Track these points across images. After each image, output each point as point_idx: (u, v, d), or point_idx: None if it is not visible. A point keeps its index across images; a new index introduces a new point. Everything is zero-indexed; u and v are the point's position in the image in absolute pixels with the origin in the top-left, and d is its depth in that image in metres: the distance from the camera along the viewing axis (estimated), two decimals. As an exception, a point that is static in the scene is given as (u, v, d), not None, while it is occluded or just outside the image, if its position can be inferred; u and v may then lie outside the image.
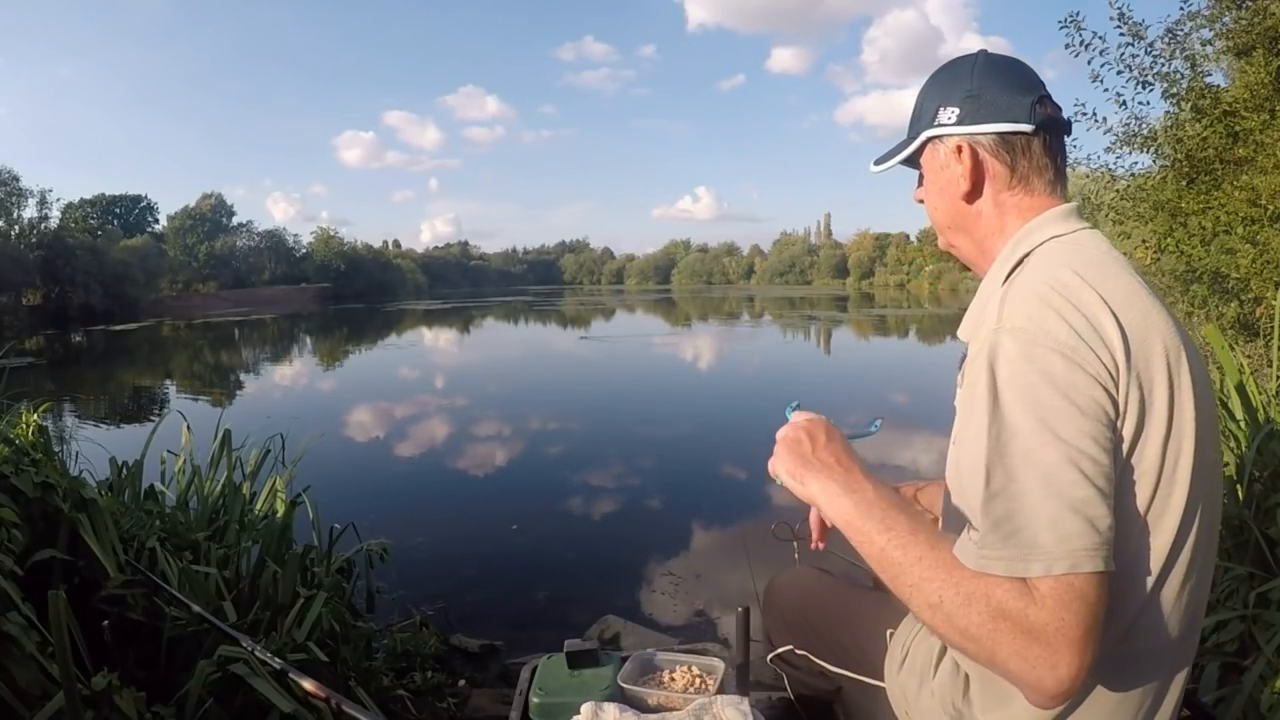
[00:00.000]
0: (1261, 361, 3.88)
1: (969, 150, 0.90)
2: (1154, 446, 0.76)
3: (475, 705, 2.54)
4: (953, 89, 0.93)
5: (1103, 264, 0.82)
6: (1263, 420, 2.21)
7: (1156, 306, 0.81)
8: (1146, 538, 0.79)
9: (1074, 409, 0.72)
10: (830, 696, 1.27)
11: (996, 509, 0.72)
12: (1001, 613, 0.69)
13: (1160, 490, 0.78)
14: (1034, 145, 0.89)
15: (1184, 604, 0.82)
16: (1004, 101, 0.89)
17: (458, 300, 58.29)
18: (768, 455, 0.94)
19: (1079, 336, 0.74)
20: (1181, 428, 0.78)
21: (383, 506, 5.52)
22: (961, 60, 0.96)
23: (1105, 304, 0.76)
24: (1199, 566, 0.83)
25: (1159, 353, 0.77)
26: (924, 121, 0.95)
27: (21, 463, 1.72)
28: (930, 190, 0.98)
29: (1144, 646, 0.82)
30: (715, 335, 25.04)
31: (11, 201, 41.60)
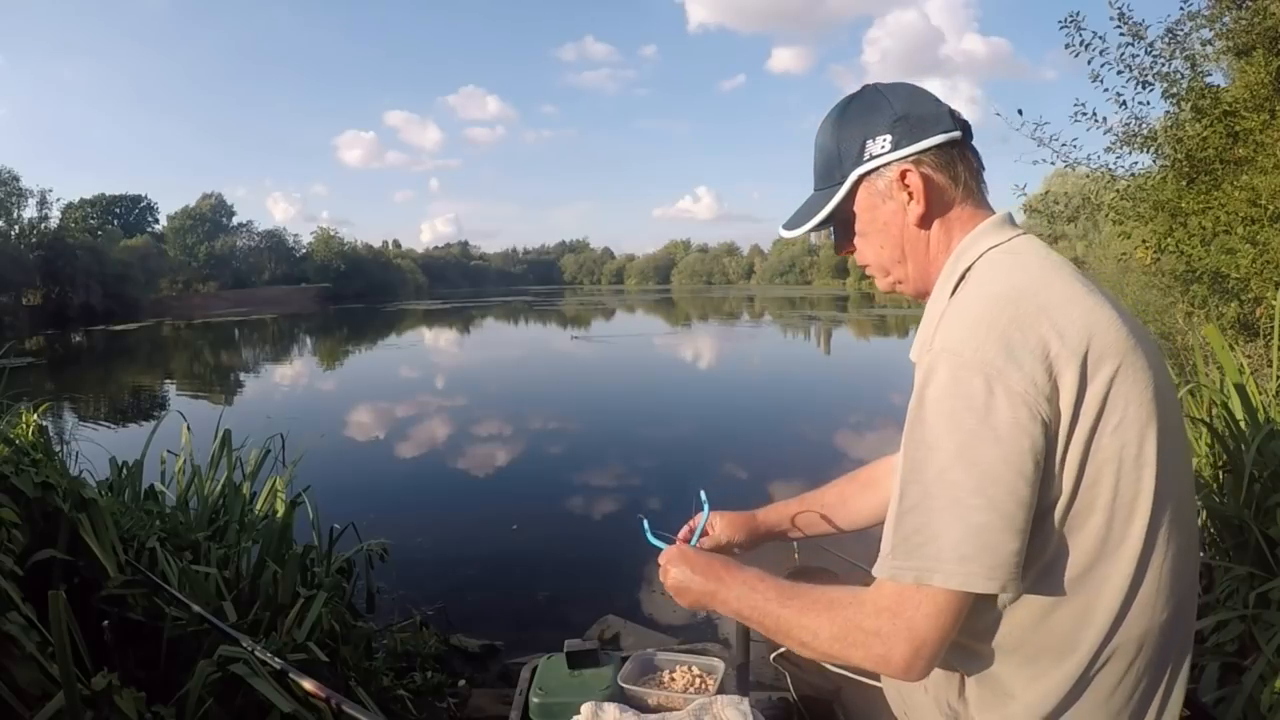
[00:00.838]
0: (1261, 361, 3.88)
1: (915, 173, 0.88)
2: (1110, 440, 0.77)
3: (475, 705, 2.54)
4: (874, 120, 0.90)
5: (1040, 270, 0.83)
6: (1263, 420, 2.21)
7: (1100, 304, 0.81)
8: (1115, 533, 0.79)
9: (992, 434, 0.74)
10: (831, 696, 1.27)
11: (908, 524, 0.78)
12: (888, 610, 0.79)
13: (1124, 486, 0.78)
14: (965, 152, 0.90)
15: (1167, 596, 0.83)
16: (930, 113, 0.89)
17: (458, 300, 58.29)
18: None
19: (1008, 355, 0.75)
20: (1140, 421, 0.78)
21: (383, 506, 5.52)
22: (861, 95, 0.94)
23: (1041, 312, 0.77)
24: (1177, 557, 0.83)
25: (1104, 350, 0.77)
26: (849, 161, 0.91)
27: (21, 463, 1.72)
28: (869, 232, 0.95)
29: (1130, 640, 0.82)
30: (715, 335, 25.04)
31: (11, 201, 41.58)
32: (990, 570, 0.74)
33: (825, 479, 1.40)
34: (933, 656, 0.79)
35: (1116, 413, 0.77)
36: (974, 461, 0.74)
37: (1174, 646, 0.87)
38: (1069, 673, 0.83)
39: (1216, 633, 1.85)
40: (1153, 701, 0.87)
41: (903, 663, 0.79)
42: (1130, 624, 0.82)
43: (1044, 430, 0.75)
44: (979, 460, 0.74)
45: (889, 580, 0.80)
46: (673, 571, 1.03)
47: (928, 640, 0.78)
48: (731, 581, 0.96)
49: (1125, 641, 0.83)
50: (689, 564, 1.02)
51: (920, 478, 0.77)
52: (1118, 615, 0.81)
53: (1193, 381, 2.72)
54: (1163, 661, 0.86)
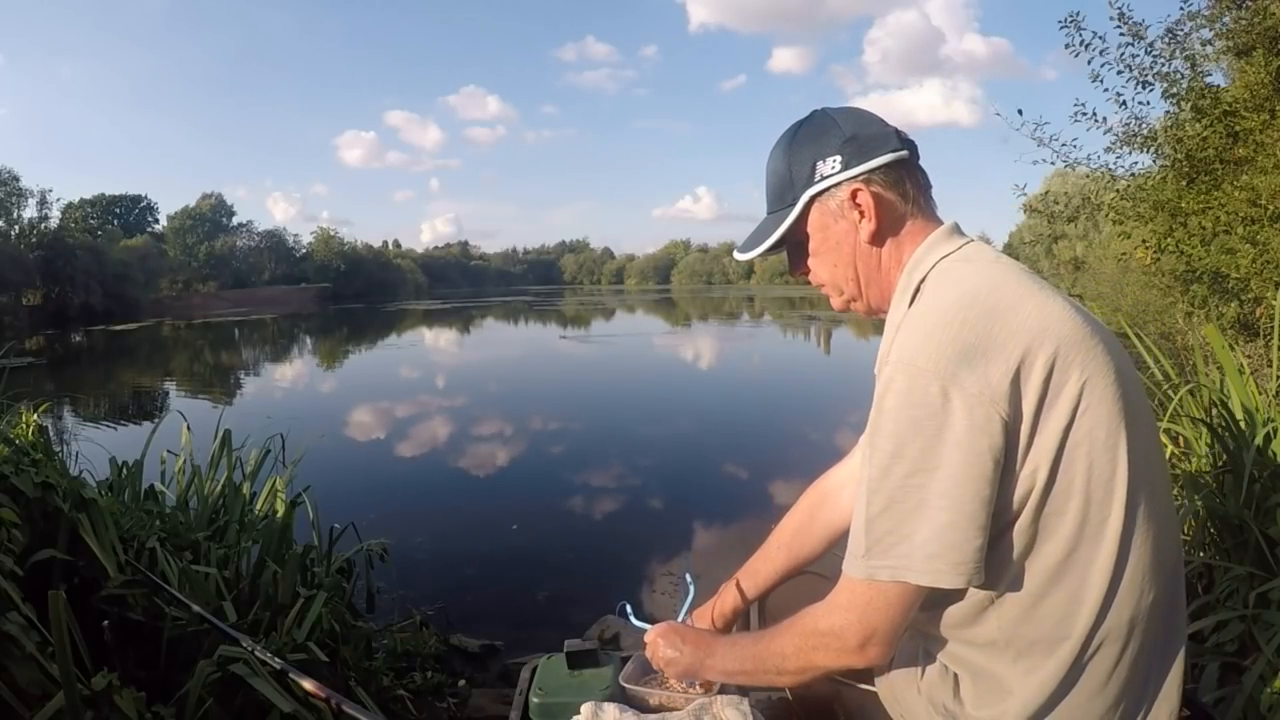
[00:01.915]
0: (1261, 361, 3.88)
1: (866, 192, 0.91)
2: (1079, 427, 0.79)
3: (475, 705, 2.54)
4: (823, 142, 0.93)
5: (990, 274, 0.85)
6: (1262, 420, 2.20)
7: (1051, 299, 0.83)
8: (1094, 518, 0.81)
9: (951, 438, 0.77)
10: (830, 696, 1.27)
11: (880, 527, 0.81)
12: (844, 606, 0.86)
13: (1097, 471, 0.80)
14: (912, 170, 0.93)
15: (1151, 578, 0.84)
16: (877, 134, 0.92)
17: (458, 300, 58.29)
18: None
19: (962, 360, 0.77)
20: (1107, 407, 0.80)
21: (383, 506, 5.52)
22: (809, 120, 0.97)
23: (993, 314, 0.80)
24: (1159, 539, 0.84)
25: (1060, 342, 0.79)
26: (800, 183, 0.94)
27: (21, 463, 1.72)
28: (822, 251, 0.96)
29: (1120, 625, 0.83)
30: (715, 335, 25.04)
31: (11, 201, 41.59)
32: (956, 566, 0.79)
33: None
34: (887, 642, 0.84)
35: (1082, 400, 0.79)
36: (936, 466, 0.78)
37: (1165, 631, 0.88)
38: (1062, 662, 0.84)
39: (1216, 633, 1.85)
40: (1148, 688, 0.87)
41: (857, 648, 0.85)
42: (1119, 608, 0.83)
43: (1004, 429, 0.77)
44: (941, 464, 0.78)
45: (861, 579, 0.84)
46: (662, 645, 1.12)
47: (879, 628, 0.84)
48: (715, 646, 1.06)
49: (1115, 626, 0.83)
50: (679, 637, 1.11)
51: (885, 484, 0.81)
52: (1104, 600, 0.82)
53: (1193, 381, 2.71)
54: (1154, 647, 0.87)
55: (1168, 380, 2.81)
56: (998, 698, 0.87)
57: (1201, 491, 2.16)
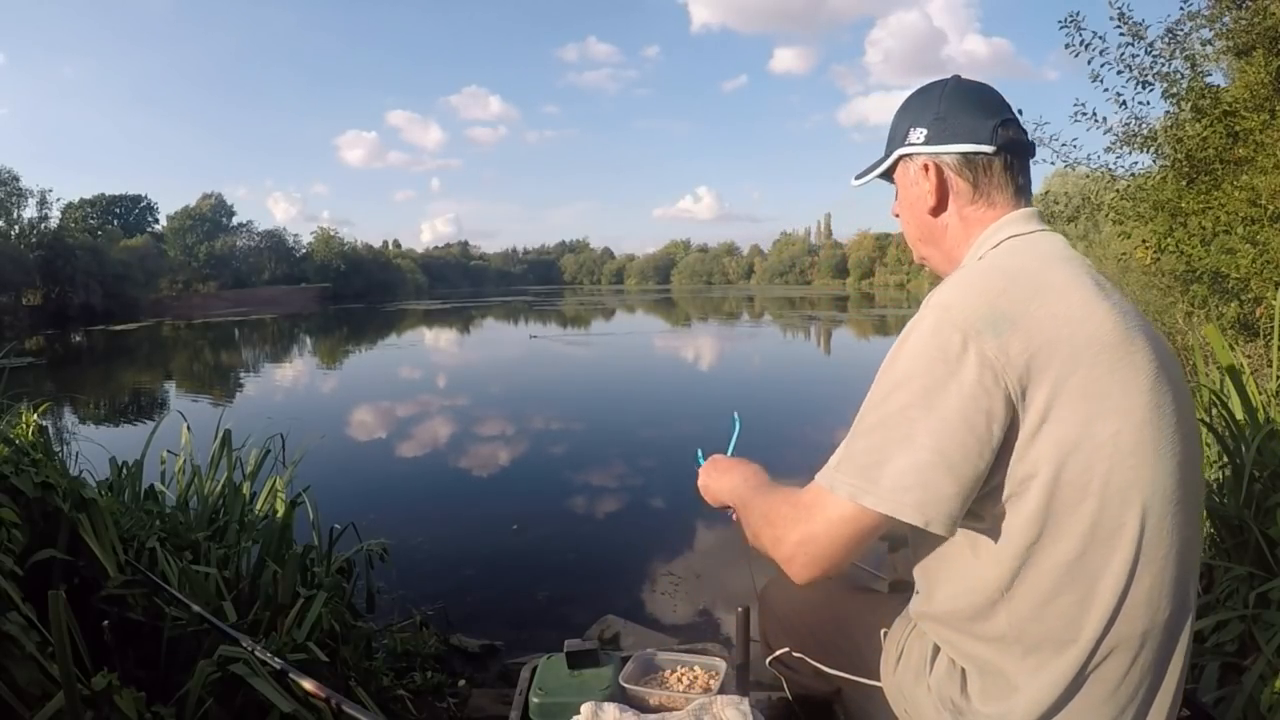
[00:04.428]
0: (1261, 361, 3.88)
1: (935, 168, 0.97)
2: (1101, 428, 0.79)
3: (475, 705, 2.54)
4: (923, 111, 0.99)
5: (1047, 260, 0.87)
6: (1263, 420, 2.20)
7: (1099, 301, 0.83)
8: (1108, 520, 0.81)
9: (956, 386, 0.78)
10: (829, 696, 1.27)
11: (858, 444, 0.83)
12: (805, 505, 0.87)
13: (1116, 474, 0.80)
14: (995, 165, 0.96)
15: (1169, 593, 0.84)
16: (968, 124, 0.96)
17: (458, 300, 58.30)
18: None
19: (990, 322, 0.79)
20: (1135, 413, 0.80)
21: (383, 506, 5.52)
22: (934, 85, 1.02)
23: (1035, 294, 0.82)
24: (1181, 554, 0.84)
25: (1092, 339, 0.80)
26: (897, 140, 1.02)
27: (21, 463, 1.72)
28: (903, 204, 1.05)
29: (1133, 636, 0.83)
30: (715, 335, 25.04)
31: (11, 201, 41.53)
32: (920, 505, 0.78)
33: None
34: (816, 559, 0.85)
35: (1107, 403, 0.80)
36: (933, 406, 0.79)
37: (1176, 646, 0.88)
38: (1071, 664, 0.84)
39: (1216, 633, 1.85)
40: (1154, 699, 0.87)
41: (788, 550, 0.87)
42: (1131, 617, 0.83)
43: (1006, 400, 0.78)
44: (938, 406, 0.78)
45: (824, 487, 0.85)
46: (701, 474, 1.18)
47: (817, 538, 0.84)
48: (736, 474, 1.10)
49: (1128, 635, 0.83)
50: (715, 466, 1.17)
51: (882, 407, 0.82)
52: (1116, 606, 0.82)
53: (1193, 381, 2.72)
54: (1164, 660, 0.87)
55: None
56: (1005, 694, 0.88)
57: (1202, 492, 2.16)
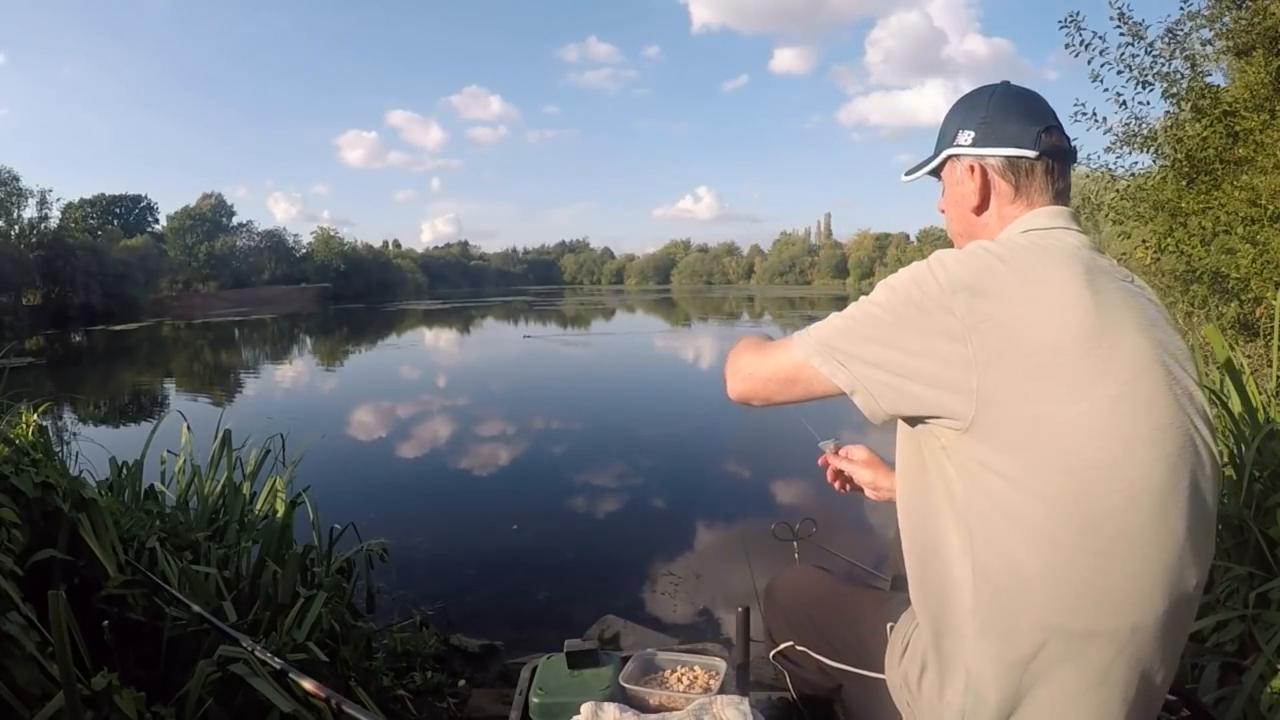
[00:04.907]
0: (1261, 361, 3.88)
1: (979, 169, 1.04)
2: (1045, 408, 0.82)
3: (475, 705, 2.54)
4: (971, 115, 1.06)
5: (1047, 253, 0.91)
6: (1263, 420, 2.20)
7: (1082, 295, 0.85)
8: (1076, 520, 0.82)
9: (924, 322, 0.87)
10: (831, 695, 1.27)
11: (832, 323, 0.96)
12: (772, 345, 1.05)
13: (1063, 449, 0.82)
14: (1037, 169, 1.01)
15: (1158, 600, 0.84)
16: (1013, 130, 1.01)
17: (458, 300, 58.29)
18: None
19: (969, 284, 0.86)
20: (1092, 400, 0.82)
21: (383, 506, 5.52)
22: (984, 89, 1.08)
23: (1018, 277, 0.87)
24: (1175, 560, 0.84)
25: (1060, 330, 0.83)
26: (945, 141, 1.09)
27: (21, 463, 1.72)
28: (949, 201, 1.12)
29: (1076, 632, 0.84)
30: (715, 335, 25.04)
31: (11, 201, 41.44)
32: (821, 349, 0.94)
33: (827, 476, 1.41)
34: (747, 378, 1.04)
35: (1069, 384, 0.82)
36: (897, 328, 0.89)
37: (1169, 642, 0.87)
38: (1014, 654, 0.85)
39: (1216, 633, 1.85)
40: (1142, 694, 0.87)
41: (736, 364, 1.07)
42: (1117, 610, 0.84)
43: (962, 359, 0.84)
44: (900, 330, 0.88)
45: (793, 339, 1.00)
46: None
47: (765, 364, 1.02)
48: None
49: (1116, 629, 0.84)
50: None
51: (862, 306, 0.94)
52: (1099, 597, 0.83)
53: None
54: (1155, 655, 0.87)
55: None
56: (988, 682, 0.88)
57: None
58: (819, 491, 6.34)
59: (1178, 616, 0.87)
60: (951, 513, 0.88)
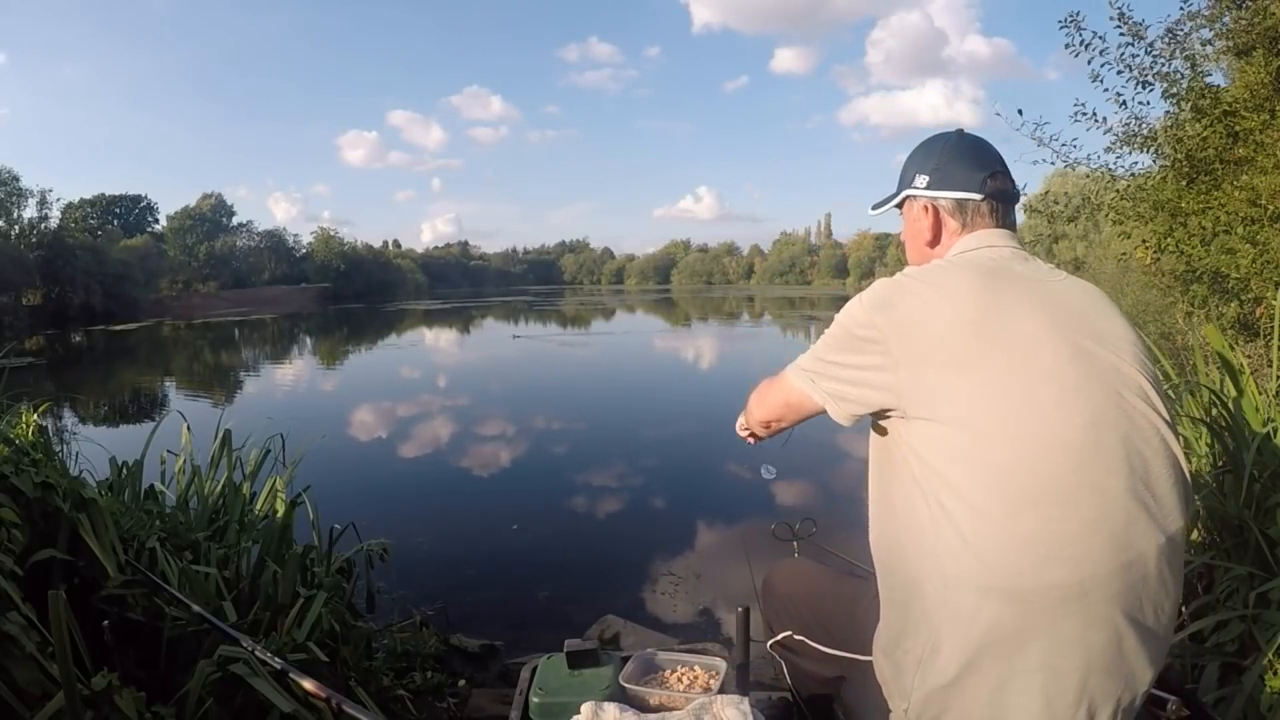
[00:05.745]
0: (1261, 361, 3.88)
1: (932, 208, 1.19)
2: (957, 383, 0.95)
3: (475, 705, 2.54)
4: (926, 160, 1.21)
5: (953, 264, 1.07)
6: (1263, 420, 2.21)
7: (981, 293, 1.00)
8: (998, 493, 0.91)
9: (853, 337, 1.05)
10: (829, 688, 1.27)
11: (810, 352, 1.13)
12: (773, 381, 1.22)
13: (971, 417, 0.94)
14: (982, 208, 1.15)
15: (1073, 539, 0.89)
16: (962, 176, 1.17)
17: (458, 300, 58.29)
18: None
19: (883, 301, 1.04)
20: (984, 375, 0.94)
21: (383, 506, 5.52)
22: (938, 137, 1.23)
23: (926, 287, 1.02)
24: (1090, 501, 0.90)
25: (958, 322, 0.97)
26: (905, 182, 1.24)
27: (21, 463, 1.72)
28: (907, 234, 1.26)
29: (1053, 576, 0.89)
30: (715, 335, 25.04)
31: (11, 201, 41.41)
32: (800, 373, 1.12)
33: (829, 478, 1.42)
34: (761, 411, 1.25)
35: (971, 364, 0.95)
36: (842, 344, 1.07)
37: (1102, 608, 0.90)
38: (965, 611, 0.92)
39: (1216, 633, 1.85)
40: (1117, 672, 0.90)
41: (750, 401, 1.30)
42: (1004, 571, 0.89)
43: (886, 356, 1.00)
44: (844, 345, 1.07)
45: (786, 370, 1.17)
46: None
47: (771, 395, 1.22)
48: None
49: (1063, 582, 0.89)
50: None
51: (824, 335, 1.11)
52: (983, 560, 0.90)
53: (1193, 381, 2.72)
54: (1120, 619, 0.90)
55: (1168, 380, 2.81)
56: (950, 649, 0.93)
57: (1201, 491, 2.16)
58: (819, 491, 6.37)
59: (1139, 579, 0.90)
60: (911, 480, 0.99)
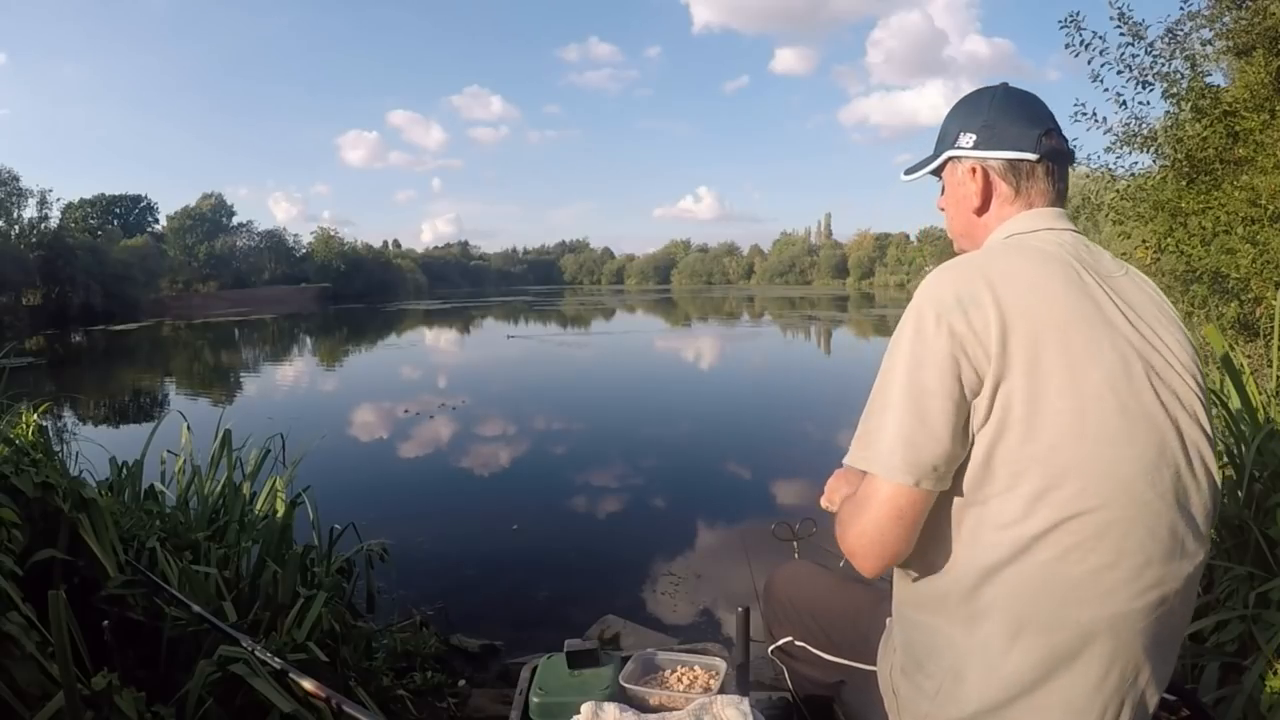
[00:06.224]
0: (1261, 361, 3.88)
1: (981, 171, 1.04)
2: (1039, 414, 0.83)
3: (475, 705, 2.54)
4: (972, 117, 1.05)
5: (1025, 254, 0.93)
6: (1263, 420, 2.21)
7: (1067, 291, 0.88)
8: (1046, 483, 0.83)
9: (931, 358, 0.87)
10: (830, 692, 1.27)
11: (869, 423, 0.93)
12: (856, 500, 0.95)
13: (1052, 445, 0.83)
14: (1037, 171, 1.02)
15: (1148, 590, 0.84)
16: (1014, 132, 1.02)
17: (458, 300, 58.29)
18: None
19: (956, 301, 0.87)
20: (1075, 403, 0.84)
21: (383, 506, 5.52)
22: (984, 91, 1.09)
23: (989, 282, 0.87)
24: (1130, 539, 0.84)
25: (1047, 328, 0.85)
26: (946, 142, 1.09)
27: (21, 463, 1.72)
28: (949, 201, 1.12)
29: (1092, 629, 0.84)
30: (715, 335, 25.05)
31: (11, 201, 41.43)
32: (909, 467, 0.87)
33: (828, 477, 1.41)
34: (870, 542, 0.92)
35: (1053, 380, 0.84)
36: (914, 380, 0.88)
37: (1157, 643, 0.87)
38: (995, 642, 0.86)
39: (1216, 633, 1.85)
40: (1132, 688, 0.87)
41: (850, 544, 0.95)
42: (1098, 602, 0.84)
43: (975, 371, 0.85)
44: (917, 379, 0.88)
45: (856, 469, 0.95)
46: (830, 483, 1.24)
47: (867, 530, 0.92)
48: (843, 486, 1.17)
49: (1095, 620, 0.84)
50: (839, 475, 1.23)
51: (881, 388, 0.92)
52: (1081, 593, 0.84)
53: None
54: (1150, 648, 0.87)
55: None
56: (976, 676, 0.88)
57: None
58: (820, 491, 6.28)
59: (1165, 613, 0.87)
60: (952, 497, 0.90)
